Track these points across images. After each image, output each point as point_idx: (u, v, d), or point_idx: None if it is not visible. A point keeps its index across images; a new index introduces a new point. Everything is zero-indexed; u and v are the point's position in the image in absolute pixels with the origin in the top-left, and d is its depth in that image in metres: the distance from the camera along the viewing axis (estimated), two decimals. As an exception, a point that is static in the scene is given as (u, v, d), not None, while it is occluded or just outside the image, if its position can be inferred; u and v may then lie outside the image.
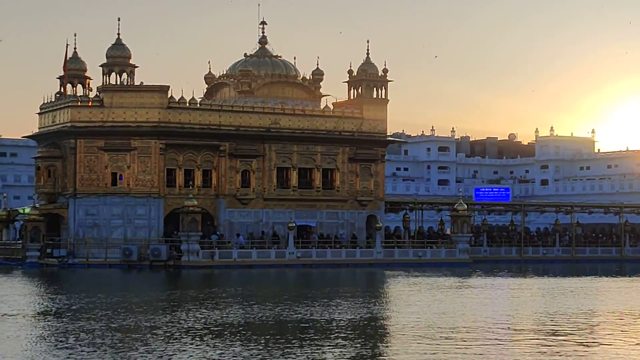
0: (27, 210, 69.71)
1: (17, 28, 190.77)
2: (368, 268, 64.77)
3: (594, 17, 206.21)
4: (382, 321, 31.76)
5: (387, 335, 28.02)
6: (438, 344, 24.46)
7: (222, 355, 21.75)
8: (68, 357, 21.46)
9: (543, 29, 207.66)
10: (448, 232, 77.18)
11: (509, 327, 29.35)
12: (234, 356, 21.61)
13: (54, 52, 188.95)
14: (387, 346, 25.20)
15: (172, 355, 21.80)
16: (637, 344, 25.15)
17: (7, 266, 64.27)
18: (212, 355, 21.77)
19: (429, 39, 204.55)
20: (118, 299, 38.84)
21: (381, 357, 22.74)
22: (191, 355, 21.48)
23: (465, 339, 25.76)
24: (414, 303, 38.74)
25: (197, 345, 23.50)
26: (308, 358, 21.36)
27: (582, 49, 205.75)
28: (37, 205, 69.52)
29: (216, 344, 23.65)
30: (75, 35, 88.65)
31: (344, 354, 22.62)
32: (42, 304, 37.15)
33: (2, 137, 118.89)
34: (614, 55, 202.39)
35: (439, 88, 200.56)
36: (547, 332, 27.41)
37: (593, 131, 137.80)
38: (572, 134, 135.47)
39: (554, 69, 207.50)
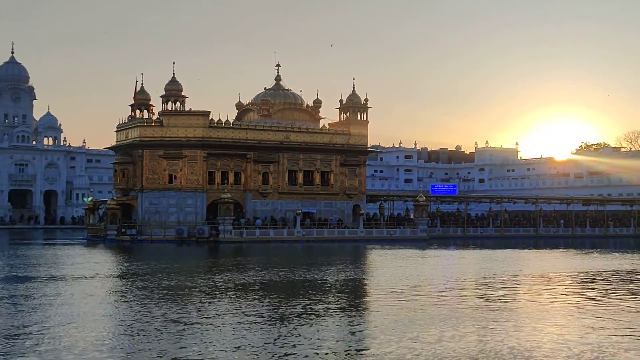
0: (108, 200, 70.18)
1: (99, 68, 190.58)
2: (353, 243, 64.78)
3: (520, 53, 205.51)
4: (362, 281, 31.81)
5: (365, 291, 28.11)
6: (403, 297, 24.72)
7: (242, 306, 22.03)
8: (128, 308, 21.78)
9: (479, 63, 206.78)
10: (412, 217, 77.19)
11: (455, 285, 29.48)
12: (252, 306, 21.91)
13: (127, 87, 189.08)
14: (364, 299, 25.48)
15: (206, 305, 22.12)
16: (550, 298, 25.46)
17: (93, 242, 64.46)
18: (235, 305, 22.05)
19: (398, 77, 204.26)
20: (170, 265, 38.72)
21: (359, 307, 22.93)
22: (219, 306, 21.77)
23: (423, 294, 25.97)
24: (386, 268, 38.68)
25: (225, 299, 23.78)
26: (304, 307, 21.68)
27: (510, 79, 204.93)
28: (114, 197, 70.15)
29: (239, 298, 23.86)
30: (142, 74, 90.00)
31: (332, 304, 22.92)
32: (115, 269, 37.19)
33: (90, 148, 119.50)
34: (535, 85, 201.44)
35: (405, 112, 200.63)
36: (484, 289, 27.64)
37: (517, 144, 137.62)
38: (501, 145, 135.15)
39: (489, 95, 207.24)
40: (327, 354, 14.90)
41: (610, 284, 29.63)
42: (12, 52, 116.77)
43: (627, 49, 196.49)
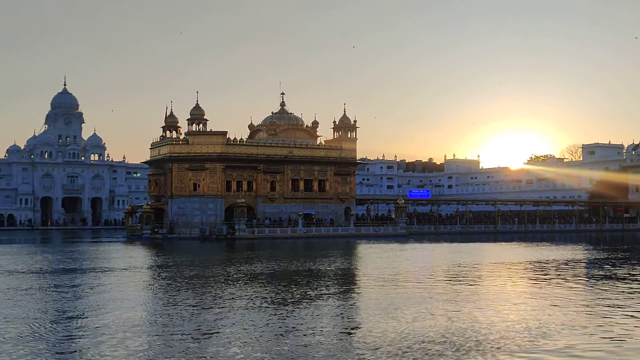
0: (143, 205, 70.08)
1: (136, 96, 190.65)
2: (345, 239, 64.58)
3: (482, 80, 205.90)
4: (351, 270, 31.64)
5: (354, 278, 27.89)
6: (386, 283, 24.61)
7: (250, 292, 21.87)
8: (154, 296, 21.62)
9: (448, 89, 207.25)
10: (393, 217, 77.03)
11: (429, 273, 29.35)
12: (259, 292, 21.72)
13: (159, 111, 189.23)
14: (353, 285, 25.29)
15: (220, 292, 21.91)
16: (507, 282, 25.32)
17: (132, 239, 64.27)
18: (245, 292, 21.88)
19: (381, 102, 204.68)
20: (194, 259, 38.67)
21: (349, 292, 22.78)
22: (232, 293, 21.55)
23: (403, 280, 25.90)
24: (372, 259, 38.53)
25: (236, 286, 23.62)
26: (302, 293, 21.49)
27: (474, 101, 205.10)
28: (149, 203, 70.09)
29: (248, 286, 23.72)
30: (171, 101, 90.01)
31: (326, 290, 22.73)
32: (150, 262, 36.98)
33: (128, 162, 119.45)
34: (494, 103, 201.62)
35: (387, 130, 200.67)
36: (452, 276, 27.50)
37: (478, 156, 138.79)
38: (466, 157, 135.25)
39: (456, 115, 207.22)
40: (321, 331, 14.69)
41: (556, 270, 29.52)
42: (65, 84, 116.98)
43: (579, 64, 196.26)
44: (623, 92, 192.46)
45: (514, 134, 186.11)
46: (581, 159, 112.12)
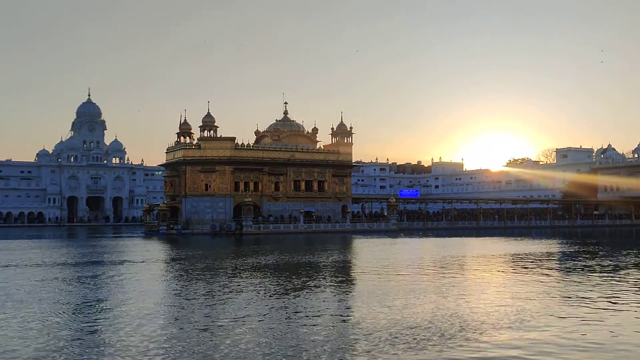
0: (160, 204, 69.99)
1: (153, 105, 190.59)
2: (342, 234, 64.52)
3: (467, 91, 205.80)
4: (348, 262, 31.54)
5: (350, 269, 27.81)
6: (379, 274, 24.49)
7: (255, 282, 21.78)
8: (167, 287, 21.52)
9: (436, 98, 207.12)
10: (385, 214, 76.95)
11: (417, 264, 29.33)
12: (262, 282, 21.64)
13: (174, 120, 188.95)
14: (349, 275, 25.23)
15: (228, 282, 21.82)
16: (488, 273, 25.22)
17: (149, 235, 64.15)
18: (251, 282, 21.80)
19: (375, 110, 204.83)
20: (205, 252, 38.61)
21: (345, 282, 22.74)
22: (239, 283, 21.44)
23: (395, 270, 25.85)
24: (366, 252, 38.44)
25: (243, 277, 23.53)
26: (302, 282, 21.40)
27: (460, 108, 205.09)
28: (165, 201, 70.16)
29: (253, 276, 23.63)
30: (185, 110, 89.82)
31: (324, 280, 22.66)
32: (166, 255, 36.96)
33: (147, 165, 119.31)
34: (478, 110, 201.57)
35: (380, 136, 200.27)
36: (438, 267, 27.44)
37: (462, 159, 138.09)
38: (451, 160, 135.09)
39: (442, 121, 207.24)
40: (319, 317, 14.61)
41: (532, 262, 29.42)
42: (89, 95, 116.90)
43: (556, 76, 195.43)
44: (593, 100, 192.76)
45: (494, 137, 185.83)
46: (555, 162, 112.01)
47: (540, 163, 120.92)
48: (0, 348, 11.62)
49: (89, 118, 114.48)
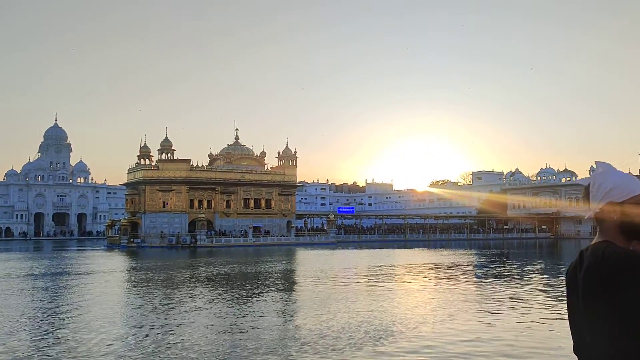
0: (121, 220, 67.98)
1: (116, 129, 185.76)
2: (287, 246, 64.35)
3: (401, 119, 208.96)
4: (292, 271, 31.46)
5: (294, 278, 27.71)
6: (319, 282, 24.50)
7: (207, 291, 21.47)
8: (127, 295, 20.99)
9: (374, 127, 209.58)
10: (325, 228, 77.23)
11: (353, 273, 29.51)
12: (214, 291, 21.35)
13: (134, 143, 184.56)
14: (293, 284, 25.17)
15: (184, 290, 21.44)
16: (414, 281, 25.58)
17: (111, 248, 62.22)
18: (200, 290, 21.49)
19: (316, 136, 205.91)
20: (163, 263, 37.84)
21: (289, 289, 22.66)
22: (192, 290, 21.13)
23: (333, 277, 25.90)
24: (309, 262, 38.55)
25: (196, 285, 23.17)
26: (249, 291, 21.19)
27: (391, 134, 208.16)
28: (126, 217, 68.17)
29: (203, 286, 23.33)
30: (145, 135, 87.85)
31: (269, 289, 22.52)
32: (126, 266, 36.02)
33: (109, 184, 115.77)
34: (405, 133, 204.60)
35: (320, 159, 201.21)
36: (371, 275, 27.69)
37: (392, 180, 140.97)
38: (382, 181, 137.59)
39: (374, 145, 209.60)
40: (264, 323, 14.48)
41: (452, 270, 30.04)
42: (56, 120, 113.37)
43: (474, 102, 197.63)
44: (503, 127, 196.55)
45: (420, 160, 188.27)
46: (471, 183, 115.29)
47: (459, 184, 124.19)
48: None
49: (55, 141, 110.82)
